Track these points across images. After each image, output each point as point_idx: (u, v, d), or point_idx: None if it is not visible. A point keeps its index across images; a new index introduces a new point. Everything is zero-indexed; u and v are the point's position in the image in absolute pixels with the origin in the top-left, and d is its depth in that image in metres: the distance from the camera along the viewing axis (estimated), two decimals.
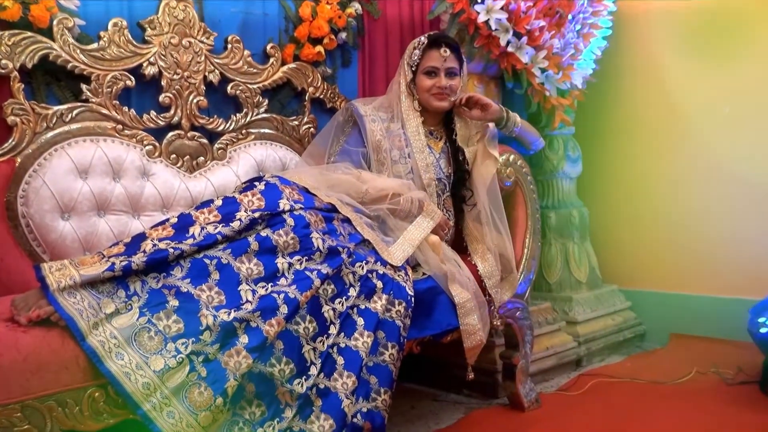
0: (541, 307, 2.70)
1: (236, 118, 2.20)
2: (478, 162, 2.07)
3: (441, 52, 2.02)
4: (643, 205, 3.07)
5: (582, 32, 2.73)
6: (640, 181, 3.08)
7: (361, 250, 1.69)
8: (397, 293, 1.66)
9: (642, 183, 3.08)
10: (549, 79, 2.59)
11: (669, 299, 2.97)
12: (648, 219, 3.06)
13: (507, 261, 2.03)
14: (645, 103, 3.07)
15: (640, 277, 3.06)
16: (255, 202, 1.61)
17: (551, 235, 2.91)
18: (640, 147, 3.09)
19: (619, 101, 3.13)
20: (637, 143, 3.10)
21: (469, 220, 2.06)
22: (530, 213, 2.23)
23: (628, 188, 3.12)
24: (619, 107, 3.13)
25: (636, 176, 3.10)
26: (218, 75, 2.14)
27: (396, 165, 2.00)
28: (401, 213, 1.87)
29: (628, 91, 3.11)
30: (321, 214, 1.68)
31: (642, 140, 3.08)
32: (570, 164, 2.95)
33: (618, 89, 3.11)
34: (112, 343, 1.32)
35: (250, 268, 1.51)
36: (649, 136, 3.06)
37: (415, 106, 2.05)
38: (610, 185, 3.16)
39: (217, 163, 2.13)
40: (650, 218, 3.05)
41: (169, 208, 1.99)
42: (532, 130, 2.21)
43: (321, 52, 2.37)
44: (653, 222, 3.04)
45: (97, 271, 1.39)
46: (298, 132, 2.32)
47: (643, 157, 3.08)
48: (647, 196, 3.06)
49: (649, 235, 3.05)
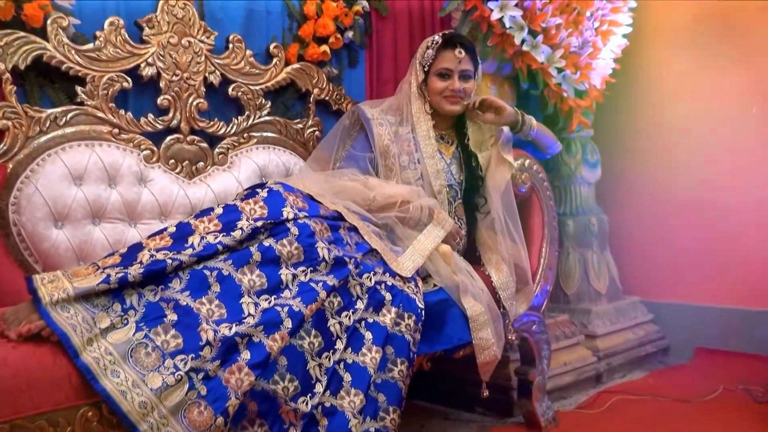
0: (559, 320, 2.68)
1: (238, 121, 2.20)
2: (492, 167, 2.07)
3: (456, 53, 2.01)
4: (666, 211, 3.06)
5: (601, 30, 2.73)
6: (663, 186, 3.07)
7: (368, 261, 1.68)
8: (406, 306, 1.65)
9: (665, 188, 3.06)
10: (566, 80, 2.59)
11: (694, 311, 2.95)
12: (671, 226, 3.04)
13: (522, 272, 2.03)
14: (668, 104, 3.06)
15: (663, 287, 3.04)
16: (257, 210, 1.61)
17: (569, 243, 2.90)
18: (662, 150, 3.08)
19: (640, 102, 3.12)
20: (660, 146, 3.08)
21: (483, 228, 2.06)
22: (547, 220, 2.23)
23: (650, 194, 3.11)
24: (640, 108, 3.12)
25: (658, 181, 3.08)
26: (219, 76, 2.15)
27: (405, 171, 2.00)
28: (411, 221, 1.87)
29: (650, 91, 3.10)
30: (326, 222, 1.68)
31: (665, 143, 3.07)
32: (588, 169, 2.94)
33: (639, 89, 3.10)
34: (107, 360, 1.32)
35: (252, 280, 1.50)
36: (673, 138, 3.04)
37: (426, 109, 2.05)
38: (631, 190, 3.15)
39: (217, 168, 2.13)
40: (674, 225, 3.04)
41: (168, 216, 1.99)
42: (549, 134, 2.20)
43: (326, 51, 2.37)
44: (677, 229, 3.03)
45: (91, 283, 1.38)
46: (302, 136, 2.32)
47: (666, 160, 3.06)
48: (670, 201, 3.04)
49: (673, 244, 3.03)
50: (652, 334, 2.98)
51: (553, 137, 2.21)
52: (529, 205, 2.22)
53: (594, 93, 2.75)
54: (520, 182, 2.14)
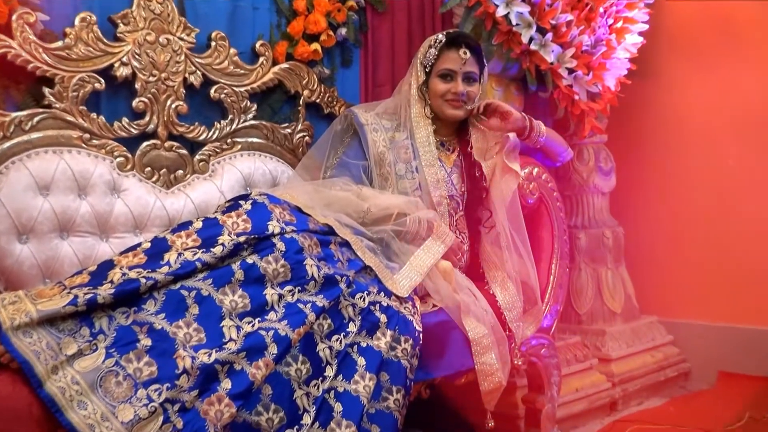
0: (570, 342, 2.68)
1: (220, 125, 2.20)
2: (497, 177, 2.06)
3: (460, 53, 2.02)
4: (686, 224, 3.05)
5: (615, 27, 2.73)
6: (683, 196, 3.06)
7: (362, 279, 1.68)
8: (403, 329, 1.65)
9: (685, 199, 3.06)
10: (578, 81, 2.59)
11: (717, 332, 2.94)
12: (692, 240, 3.04)
13: (530, 290, 2.02)
14: (688, 108, 3.06)
15: (684, 307, 3.03)
16: (240, 224, 1.61)
17: (581, 258, 2.90)
18: (682, 157, 3.07)
19: (657, 105, 3.12)
20: (680, 153, 3.08)
21: (487, 243, 2.05)
22: (557, 234, 2.22)
23: (668, 204, 3.10)
24: (657, 112, 3.12)
25: (678, 191, 3.08)
26: (200, 76, 2.15)
27: (402, 180, 2.00)
28: (408, 235, 1.87)
29: (669, 94, 3.10)
30: (316, 237, 1.68)
31: (685, 150, 3.06)
32: (602, 177, 2.93)
33: (657, 92, 3.10)
34: (74, 390, 1.30)
35: (234, 301, 1.50)
36: (694, 144, 3.04)
37: (426, 113, 2.05)
38: (649, 201, 3.14)
39: (198, 177, 2.13)
40: (695, 239, 3.03)
41: (143, 229, 1.99)
42: (559, 140, 2.21)
43: (318, 50, 2.36)
44: (698, 244, 3.02)
45: (57, 305, 1.38)
46: (290, 141, 2.32)
47: (687, 169, 3.06)
48: (691, 213, 3.04)
49: (694, 259, 3.03)
50: (672, 357, 2.97)
51: (563, 144, 2.21)
52: (538, 218, 2.21)
53: (608, 95, 2.74)
54: (527, 193, 2.14)
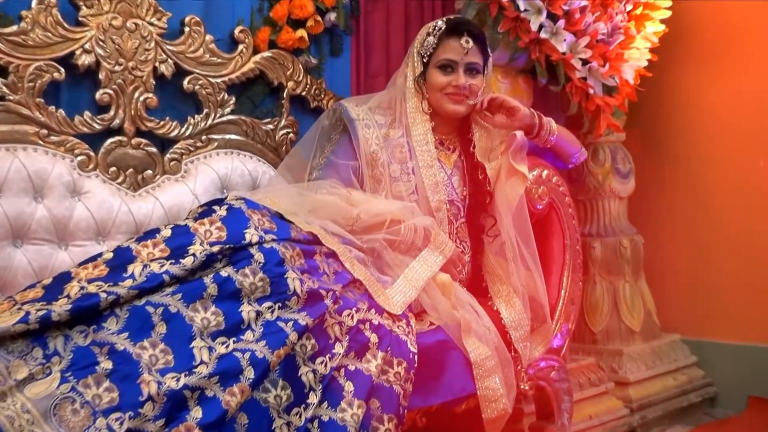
0: (583, 363, 2.68)
1: (194, 120, 2.20)
2: (502, 180, 2.06)
3: (462, 42, 2.02)
4: (713, 232, 3.05)
5: (634, 13, 2.74)
6: (709, 201, 3.07)
7: (350, 294, 1.68)
8: (396, 350, 1.64)
9: (711, 204, 3.06)
10: (592, 73, 2.59)
11: (746, 353, 2.94)
12: (719, 250, 3.04)
13: (539, 306, 2.02)
14: (716, 103, 3.06)
15: (710, 324, 3.03)
16: (214, 232, 1.60)
17: (596, 270, 2.90)
18: (709, 158, 3.07)
19: (681, 101, 3.12)
20: (706, 153, 3.08)
21: (491, 254, 2.05)
22: (568, 244, 2.22)
23: (693, 211, 3.10)
24: (681, 108, 3.12)
25: (704, 195, 3.08)
26: (172, 66, 2.15)
27: (396, 183, 2.00)
28: (402, 245, 1.87)
29: (694, 87, 3.10)
30: (299, 247, 1.67)
31: (711, 149, 3.07)
32: (619, 180, 2.94)
33: (681, 85, 3.11)
34: (25, 419, 1.29)
35: (206, 319, 1.49)
36: (721, 143, 3.05)
37: (423, 108, 2.05)
38: (671, 207, 3.15)
39: (168, 178, 2.13)
40: (722, 249, 3.03)
41: (106, 237, 1.98)
42: (572, 139, 2.21)
43: (304, 37, 2.36)
44: (726, 254, 3.02)
45: (5, 323, 1.36)
46: (273, 138, 2.32)
47: (713, 170, 3.06)
48: (718, 220, 3.04)
49: (721, 271, 3.03)
50: (697, 380, 2.98)
51: (576, 143, 2.21)
52: (548, 226, 2.21)
53: (626, 90, 2.75)
54: (536, 198, 2.14)
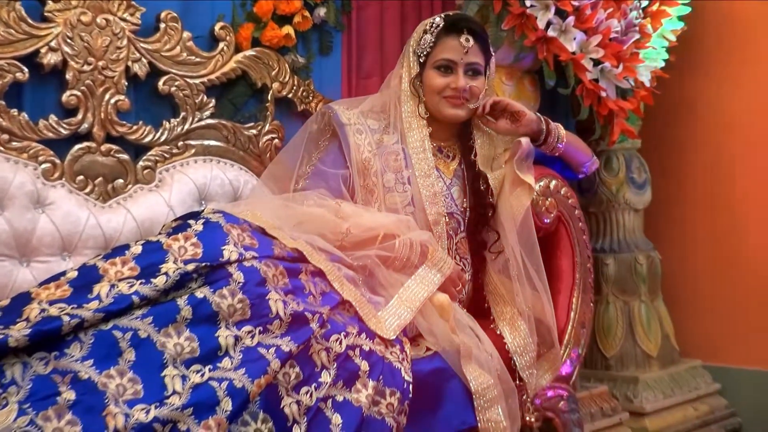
0: (595, 392, 2.68)
1: (170, 125, 2.20)
2: (506, 191, 2.07)
3: (461, 40, 2.02)
4: (736, 248, 3.05)
5: (650, 10, 2.75)
6: (733, 215, 3.07)
7: (338, 317, 1.67)
8: (388, 379, 1.63)
9: (735, 218, 3.06)
10: (605, 75, 2.60)
11: None
12: (744, 268, 3.04)
13: (546, 330, 2.03)
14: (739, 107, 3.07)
15: (734, 349, 3.03)
16: (189, 248, 1.60)
17: (609, 290, 2.90)
18: (731, 167, 3.08)
19: (702, 104, 3.13)
20: (728, 162, 3.09)
21: (493, 272, 2.06)
22: (579, 261, 2.23)
23: (715, 225, 3.10)
24: (702, 113, 3.13)
25: (726, 208, 3.08)
26: (146, 65, 2.15)
27: (390, 194, 2.00)
28: (396, 262, 1.86)
29: (716, 90, 3.11)
30: (282, 265, 1.66)
31: (735, 158, 3.07)
32: (634, 191, 2.94)
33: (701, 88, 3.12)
34: None
35: (179, 345, 1.47)
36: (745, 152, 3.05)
37: (420, 112, 2.06)
38: (691, 220, 3.14)
39: (141, 188, 2.13)
40: (747, 267, 3.03)
41: (72, 252, 1.98)
42: (583, 147, 2.22)
43: (290, 34, 2.37)
44: (751, 273, 3.02)
45: None
46: (256, 145, 2.32)
47: (736, 181, 3.07)
48: (742, 235, 3.04)
49: (746, 291, 3.03)
50: (719, 409, 2.97)
51: (587, 151, 2.22)
52: (556, 241, 2.22)
53: (641, 92, 2.75)
54: (543, 210, 2.15)
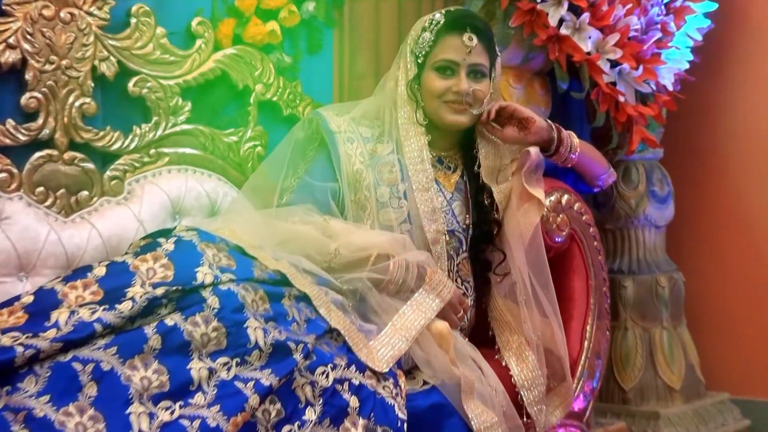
0: (612, 429, 2.67)
1: (141, 130, 2.20)
2: (514, 206, 2.07)
3: (464, 39, 2.02)
4: None
5: (673, 6, 2.74)
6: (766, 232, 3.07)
7: (325, 347, 1.66)
8: (380, 416, 1.62)
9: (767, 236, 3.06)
10: (623, 77, 2.59)
11: None
12: None
13: (557, 361, 2.03)
14: None
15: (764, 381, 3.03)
16: (158, 270, 1.59)
17: (627, 315, 2.90)
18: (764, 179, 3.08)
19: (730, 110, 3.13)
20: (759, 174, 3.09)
21: (498, 296, 2.07)
22: (593, 284, 2.23)
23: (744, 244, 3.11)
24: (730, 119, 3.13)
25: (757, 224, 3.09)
26: (115, 64, 2.15)
27: (385, 209, 2.00)
28: (391, 286, 1.85)
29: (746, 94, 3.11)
30: (263, 288, 1.66)
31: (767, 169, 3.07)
32: (656, 206, 2.94)
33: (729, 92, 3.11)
34: None
35: (147, 378, 1.46)
36: None
37: (418, 119, 2.05)
38: (718, 238, 3.15)
39: (108, 200, 2.12)
40: None
41: (30, 272, 1.97)
42: (598, 157, 2.22)
43: (276, 31, 2.38)
44: None
45: None
46: (237, 153, 2.33)
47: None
48: None
49: None
50: None
51: (603, 162, 2.23)
52: (568, 262, 2.23)
53: (664, 97, 2.75)
54: (554, 228, 2.15)
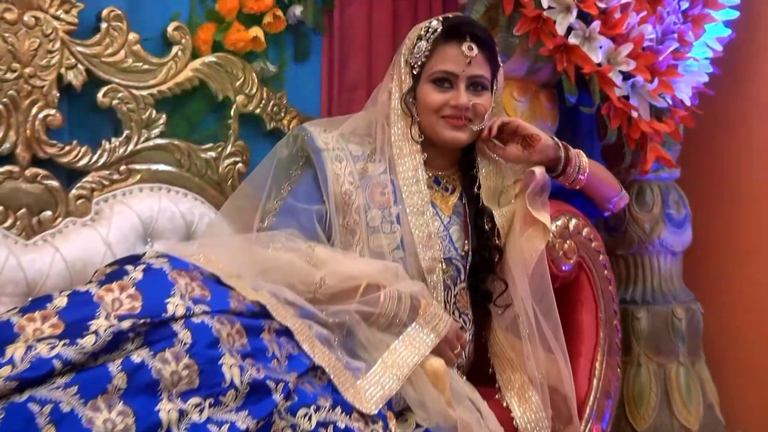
0: None
1: (111, 145, 2.22)
2: (517, 231, 2.08)
3: (463, 48, 2.02)
4: None
5: (691, 14, 2.74)
6: None
7: (308, 386, 1.65)
8: None
9: None
10: (637, 91, 2.60)
11: None
12: None
13: (562, 401, 2.03)
14: None
15: None
16: (125, 301, 1.58)
17: (641, 350, 2.89)
18: None
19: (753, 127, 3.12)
20: None
21: (500, 330, 2.08)
22: (603, 316, 2.24)
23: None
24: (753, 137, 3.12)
25: None
26: (83, 73, 2.17)
27: (376, 235, 2.01)
28: (381, 319, 1.86)
29: None
30: (241, 321, 1.64)
31: None
32: (672, 230, 2.92)
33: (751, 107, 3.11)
34: None
35: (110, 421, 1.44)
36: None
37: (413, 135, 2.06)
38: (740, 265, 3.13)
39: (73, 221, 2.14)
40: None
41: None
42: (609, 178, 2.24)
43: (259, 37, 2.39)
44: None
45: None
46: (215, 170, 2.34)
47: None
48: None
49: None
50: None
51: (615, 183, 2.25)
52: (576, 293, 2.24)
53: (681, 112, 2.75)
54: (560, 256, 2.16)
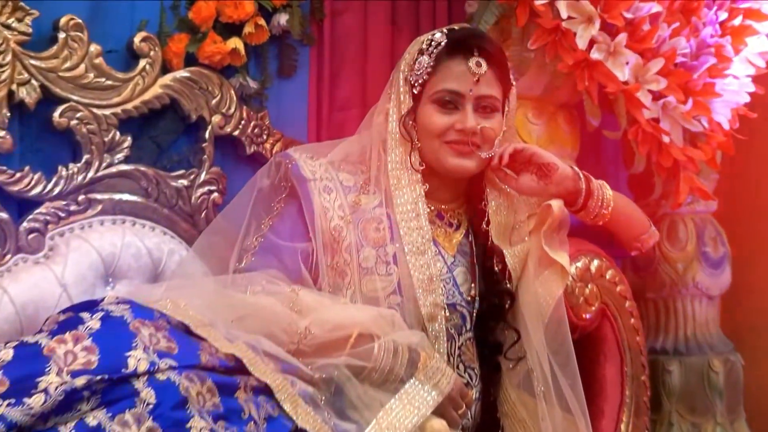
0: None
1: (68, 172, 2.23)
2: (531, 274, 2.08)
3: (471, 65, 2.02)
4: None
5: (730, 26, 2.74)
6: None
7: None
8: None
9: None
10: (668, 112, 2.59)
11: None
12: None
13: None
14: None
15: None
16: (80, 354, 1.57)
17: (672, 407, 2.89)
18: None
19: None
20: None
21: (511, 386, 2.09)
22: (629, 372, 2.25)
23: None
24: None
25: None
26: (37, 90, 2.19)
27: (369, 277, 2.01)
28: (375, 374, 1.86)
29: None
30: (212, 378, 1.64)
31: None
32: (708, 271, 2.93)
33: None
34: None
35: None
36: None
37: (413, 163, 2.06)
38: None
39: (24, 258, 2.15)
40: None
41: None
42: (637, 213, 2.25)
43: (239, 49, 2.41)
44: None
45: None
46: (187, 200, 2.35)
47: None
48: None
49: None
50: None
51: (643, 219, 2.25)
52: (598, 344, 2.25)
53: (718, 137, 2.74)
54: (581, 302, 2.17)
